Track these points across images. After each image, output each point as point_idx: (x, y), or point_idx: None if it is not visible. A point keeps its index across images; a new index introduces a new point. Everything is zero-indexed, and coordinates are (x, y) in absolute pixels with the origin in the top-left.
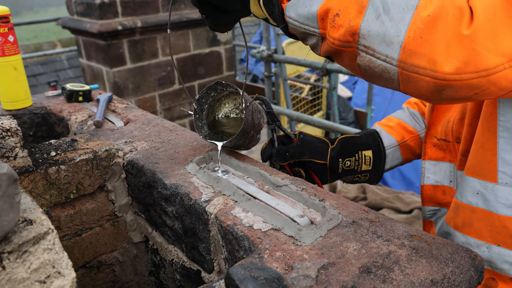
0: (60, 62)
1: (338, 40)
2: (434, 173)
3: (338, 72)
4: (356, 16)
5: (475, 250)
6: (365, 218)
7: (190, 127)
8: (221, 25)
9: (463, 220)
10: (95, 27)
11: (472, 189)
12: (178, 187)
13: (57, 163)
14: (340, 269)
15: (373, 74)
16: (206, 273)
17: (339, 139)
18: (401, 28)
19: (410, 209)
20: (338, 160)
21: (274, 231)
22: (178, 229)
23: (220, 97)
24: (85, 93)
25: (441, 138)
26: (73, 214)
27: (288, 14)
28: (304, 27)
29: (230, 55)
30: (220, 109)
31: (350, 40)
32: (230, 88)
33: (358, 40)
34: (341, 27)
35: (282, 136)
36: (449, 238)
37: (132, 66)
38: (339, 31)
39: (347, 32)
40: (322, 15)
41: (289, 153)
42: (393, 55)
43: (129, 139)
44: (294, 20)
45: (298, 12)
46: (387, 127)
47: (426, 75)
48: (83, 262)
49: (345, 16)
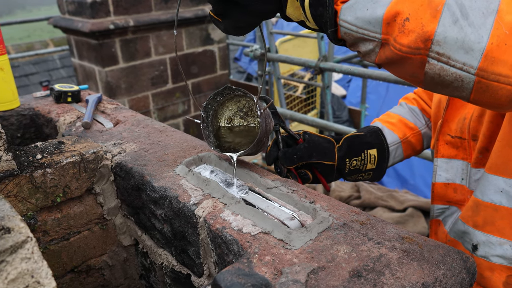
0: (52, 61)
1: (407, 46)
2: (446, 171)
3: (331, 70)
4: (430, 21)
5: (497, 248)
6: (356, 220)
7: (184, 127)
8: (242, 28)
9: (484, 218)
10: (86, 26)
11: (496, 187)
12: (166, 190)
13: (43, 166)
14: (330, 273)
15: (442, 82)
16: (196, 277)
17: (345, 138)
18: (483, 34)
19: (403, 207)
20: (345, 160)
21: (264, 234)
22: (167, 233)
23: (224, 100)
24: (74, 94)
25: (455, 136)
26: (60, 218)
27: (343, 18)
28: (362, 32)
29: (224, 54)
30: (223, 113)
31: (421, 47)
32: (238, 92)
33: (431, 46)
34: (412, 32)
35: (286, 137)
36: (466, 237)
37: (124, 66)
38: (409, 37)
39: (419, 38)
40: (388, 19)
41: (296, 155)
42: (472, 63)
43: (118, 141)
44: (350, 24)
45: (357, 15)
46: (389, 124)
47: (508, 83)
48: (71, 266)
49: (416, 20)
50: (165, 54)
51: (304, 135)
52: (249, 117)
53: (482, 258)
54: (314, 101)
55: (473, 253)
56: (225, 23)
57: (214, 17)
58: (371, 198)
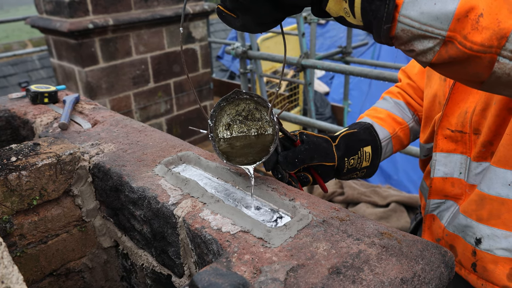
0: (31, 62)
1: (480, 44)
2: (444, 165)
3: (313, 67)
4: (508, 17)
5: (502, 241)
6: (336, 217)
7: (167, 127)
8: (266, 24)
9: (490, 212)
10: (65, 25)
11: (503, 181)
12: (145, 190)
13: (18, 168)
14: (309, 270)
15: (508, 82)
16: (177, 278)
17: (341, 136)
18: None
19: (386, 202)
20: (344, 160)
21: (243, 233)
22: (147, 233)
23: (224, 105)
24: (50, 95)
25: (456, 130)
26: (37, 221)
27: (405, 13)
28: (425, 29)
29: (206, 52)
30: (221, 120)
31: (494, 45)
32: (245, 95)
33: (505, 44)
34: (486, 29)
35: (283, 139)
36: (468, 231)
37: (105, 65)
38: (482, 34)
39: (494, 36)
40: (460, 15)
41: (298, 159)
42: None
43: (96, 141)
44: (412, 20)
45: (422, 10)
46: (378, 119)
47: None
48: (50, 270)
49: (491, 16)
50: (146, 53)
51: (301, 135)
52: (249, 121)
53: (486, 252)
54: (297, 98)
55: (476, 247)
56: (244, 19)
57: (226, 13)
58: (355, 194)
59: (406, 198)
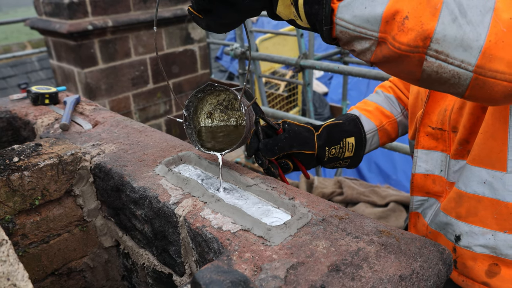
0: (31, 63)
1: (406, 45)
2: (425, 162)
3: (311, 68)
4: (430, 19)
5: (480, 238)
6: (335, 216)
7: (165, 127)
8: (227, 25)
9: (468, 209)
10: (64, 27)
11: (479, 179)
12: (146, 190)
13: (20, 169)
14: (309, 268)
15: (438, 80)
16: (178, 276)
17: (324, 126)
18: (481, 32)
19: (385, 202)
20: (325, 149)
21: (244, 231)
22: (148, 233)
23: (204, 96)
24: (51, 96)
25: (436, 127)
26: (39, 220)
27: (340, 16)
28: (359, 30)
29: (205, 53)
30: (203, 108)
31: (420, 45)
32: (219, 87)
33: (429, 45)
34: (412, 31)
35: (265, 127)
36: (449, 228)
37: (104, 66)
38: (408, 35)
39: (419, 37)
40: (387, 18)
41: (277, 146)
42: (470, 60)
43: (96, 142)
44: (347, 23)
45: (355, 13)
46: (366, 112)
47: (504, 79)
48: (51, 269)
49: (416, 18)
50: (145, 54)
51: (284, 124)
52: (230, 110)
53: (465, 248)
54: (295, 98)
55: (456, 244)
56: (208, 20)
57: (194, 14)
58: (354, 194)
59: (405, 198)
